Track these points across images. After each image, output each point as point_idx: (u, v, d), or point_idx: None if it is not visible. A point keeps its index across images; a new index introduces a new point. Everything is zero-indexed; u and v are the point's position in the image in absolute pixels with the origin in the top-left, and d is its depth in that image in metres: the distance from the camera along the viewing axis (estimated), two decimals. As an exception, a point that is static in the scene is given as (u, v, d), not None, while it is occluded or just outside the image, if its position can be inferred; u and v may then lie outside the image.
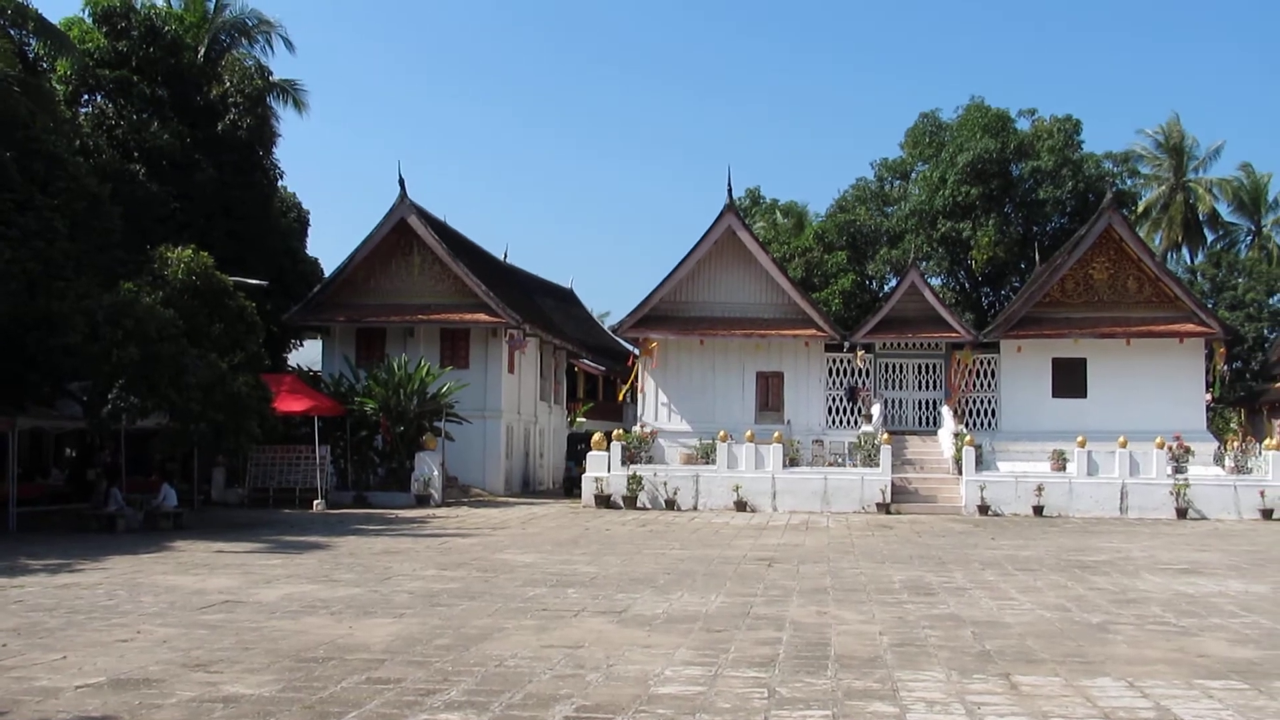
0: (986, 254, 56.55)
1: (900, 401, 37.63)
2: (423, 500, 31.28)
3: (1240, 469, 31.09)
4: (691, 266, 36.51)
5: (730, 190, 36.60)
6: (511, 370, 38.13)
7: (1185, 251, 72.39)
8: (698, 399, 36.70)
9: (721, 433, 31.88)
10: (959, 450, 31.31)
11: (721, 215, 36.23)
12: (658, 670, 9.53)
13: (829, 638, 11.18)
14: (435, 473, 31.78)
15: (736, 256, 36.87)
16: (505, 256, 48.07)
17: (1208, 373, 37.26)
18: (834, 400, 36.97)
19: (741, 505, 30.33)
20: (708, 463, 31.68)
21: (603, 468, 31.51)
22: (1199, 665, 10.00)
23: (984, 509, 29.84)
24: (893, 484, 30.82)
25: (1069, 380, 36.21)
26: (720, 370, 36.91)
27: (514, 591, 14.30)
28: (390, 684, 8.96)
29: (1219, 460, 32.55)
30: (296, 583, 15.10)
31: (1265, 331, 62.52)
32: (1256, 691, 8.96)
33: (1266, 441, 32.19)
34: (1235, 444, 33.33)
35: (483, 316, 36.24)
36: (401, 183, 36.40)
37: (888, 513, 29.71)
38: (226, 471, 32.63)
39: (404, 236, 36.83)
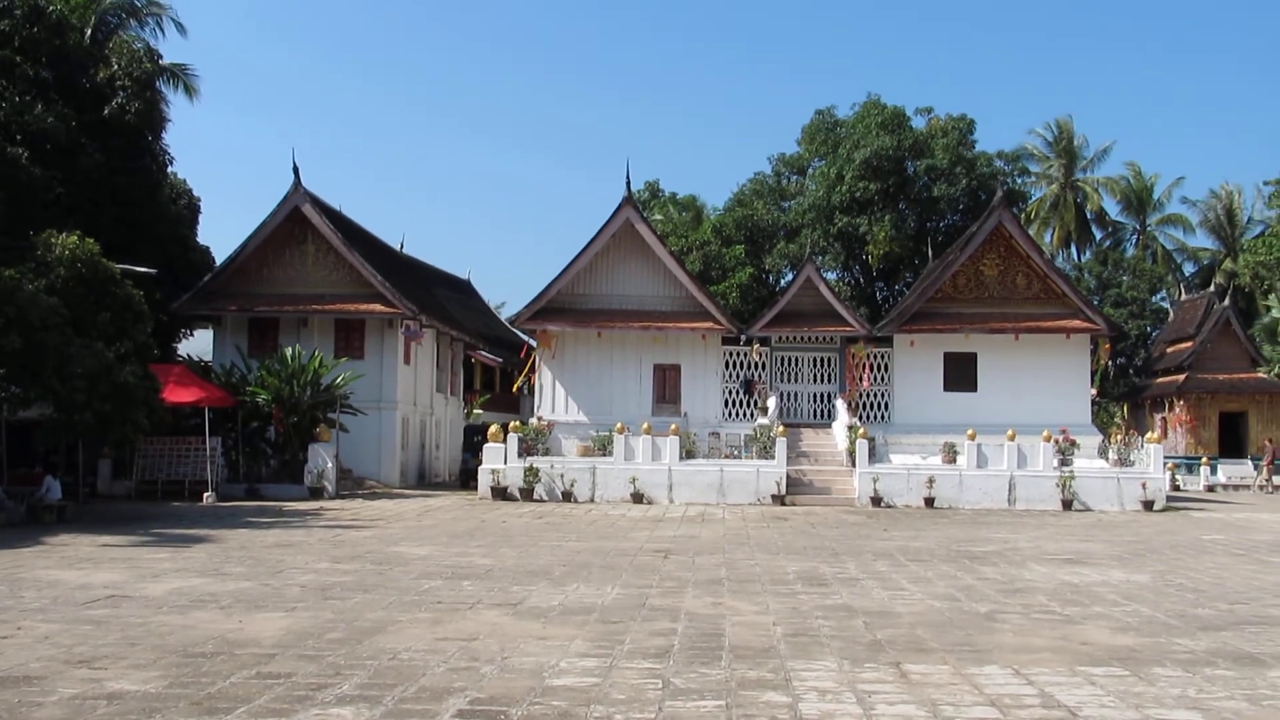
0: (882, 249, 57.35)
1: (796, 394, 38.02)
2: (316, 493, 30.86)
3: (1123, 462, 31.89)
4: (589, 258, 36.48)
5: (629, 183, 36.60)
6: (407, 361, 37.80)
7: (1074, 249, 74.13)
8: (595, 391, 36.71)
9: (618, 425, 31.91)
10: (853, 443, 31.70)
11: (620, 208, 36.24)
12: (553, 662, 9.51)
13: (724, 629, 11.25)
14: (329, 465, 31.38)
15: (635, 249, 36.91)
16: (402, 247, 47.65)
17: (1093, 368, 38.18)
18: (731, 393, 37.22)
19: (638, 497, 30.39)
20: (604, 455, 31.67)
21: (499, 460, 31.35)
22: (1082, 653, 10.25)
23: (877, 501, 30.26)
24: (788, 476, 31.09)
25: (960, 374, 36.87)
26: (618, 362, 36.94)
27: (408, 584, 14.17)
28: (280, 679, 8.83)
29: (1103, 453, 33.36)
30: (185, 576, 14.79)
31: (1148, 329, 64.30)
32: (1136, 678, 9.21)
33: (1148, 435, 33.07)
34: (1119, 437, 34.19)
35: (378, 307, 35.86)
36: (296, 170, 35.82)
37: (783, 504, 29.98)
38: (113, 464, 31.85)
39: (298, 225, 36.26)
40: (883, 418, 36.91)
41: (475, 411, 49.40)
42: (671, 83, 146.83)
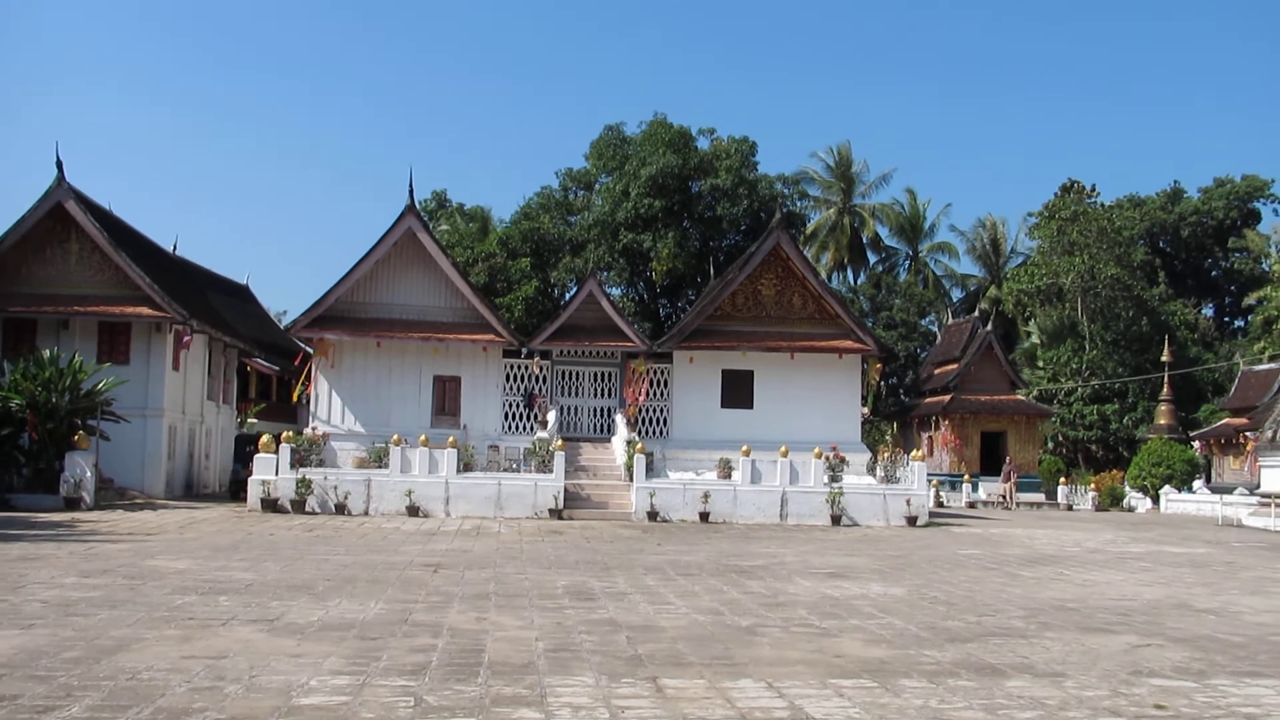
0: (666, 266, 58.11)
1: (576, 409, 38.13)
2: (73, 503, 29.34)
3: (889, 478, 32.99)
4: (370, 266, 35.85)
5: (411, 191, 36.01)
6: (176, 368, 36.36)
7: (850, 272, 76.60)
8: (373, 401, 36.07)
9: (395, 436, 31.38)
10: (631, 457, 31.93)
11: (402, 216, 35.72)
12: (303, 680, 9.21)
13: (485, 644, 11.11)
14: (88, 474, 29.88)
15: (417, 259, 36.44)
16: (175, 249, 45.86)
17: (863, 387, 39.42)
18: (511, 406, 37.07)
19: (414, 510, 29.93)
20: (380, 467, 31.11)
21: (270, 470, 30.43)
22: (834, 665, 10.48)
23: (653, 515, 30.52)
24: (566, 490, 31.09)
25: (737, 391, 37.58)
26: (397, 373, 36.39)
27: (160, 600, 13.56)
28: (3, 701, 8.29)
29: (871, 470, 34.46)
30: (-87, 592, 13.84)
31: (917, 350, 66.91)
32: (883, 689, 9.46)
33: (913, 453, 34.28)
34: (886, 455, 35.39)
35: (146, 310, 34.38)
36: (59, 165, 34.03)
37: (560, 518, 29.96)
38: None
39: (61, 223, 34.47)
40: (662, 433, 37.32)
41: (250, 421, 47.91)
42: (462, 97, 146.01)
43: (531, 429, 36.06)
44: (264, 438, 31.47)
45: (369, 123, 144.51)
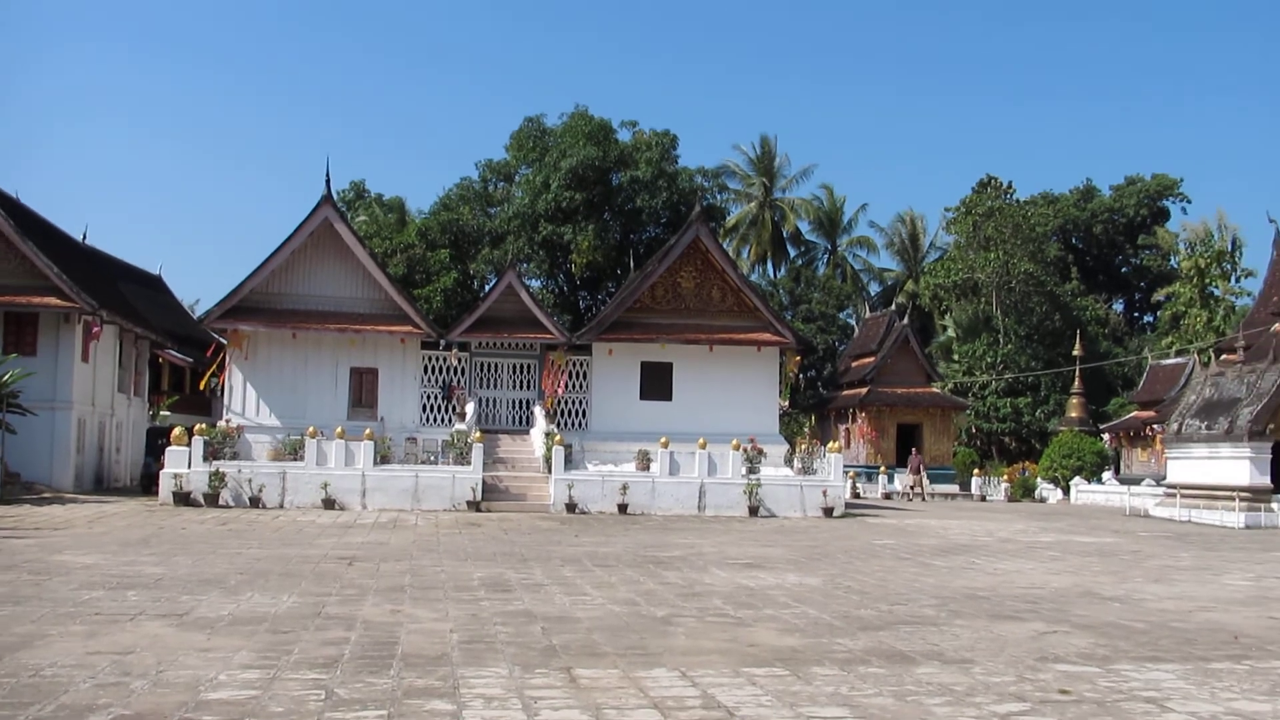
0: (586, 258, 58.06)
1: (495, 401, 37.99)
2: (-23, 498, 28.74)
3: (806, 470, 33.23)
4: (286, 257, 35.44)
5: (328, 181, 35.62)
6: (86, 359, 35.61)
7: (770, 265, 77.07)
8: (289, 394, 35.67)
9: (311, 428, 31.06)
10: (549, 449, 31.87)
11: (319, 206, 35.37)
12: (212, 675, 9.08)
13: (399, 636, 11.04)
14: (-8, 468, 29.28)
15: (334, 249, 36.09)
16: (85, 238, 44.93)
17: (781, 380, 39.69)
18: (429, 398, 36.86)
19: (330, 503, 29.65)
20: (296, 459, 30.76)
21: (183, 464, 29.97)
22: (748, 654, 10.55)
23: (572, 507, 30.51)
24: (484, 482, 30.99)
25: (656, 383, 37.67)
26: (313, 365, 36.01)
27: (67, 595, 13.30)
28: (-100, 699, 8.09)
29: (789, 462, 34.70)
30: None
31: (835, 343, 67.52)
32: (795, 678, 9.54)
33: (830, 445, 34.58)
34: (803, 447, 35.64)
35: (54, 300, 33.64)
36: (-37, 151, 33.30)
37: (478, 510, 29.85)
38: None
39: (-36, 210, 33.67)
40: (581, 425, 37.31)
41: (163, 413, 47.10)
42: (382, 85, 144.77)
43: (450, 421, 35.87)
44: (176, 430, 31.01)
45: (285, 111, 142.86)
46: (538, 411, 36.17)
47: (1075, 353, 57.97)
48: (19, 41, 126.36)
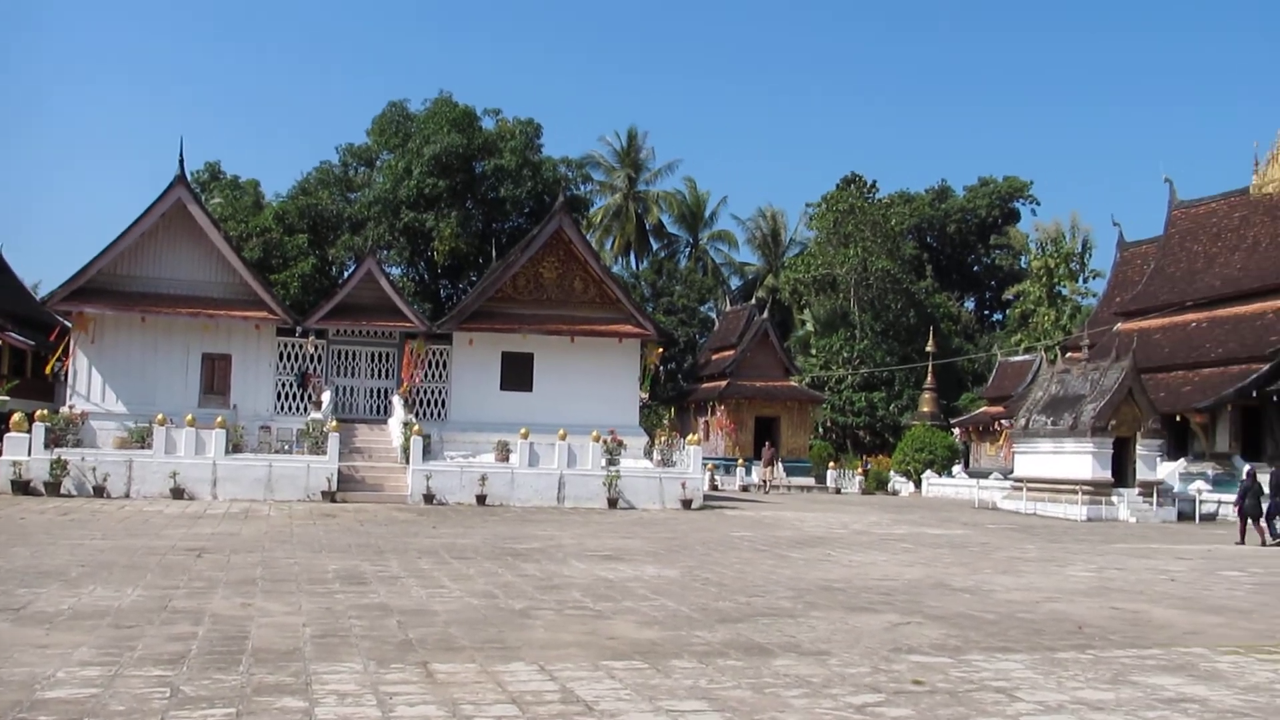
0: (448, 246, 57.53)
1: (353, 389, 37.37)
2: None
3: (666, 462, 33.39)
4: (136, 238, 34.35)
5: (182, 161, 34.54)
6: (-82, 341, 34.15)
7: (633, 258, 77.28)
8: (137, 380, 34.59)
9: (159, 416, 30.15)
10: (407, 439, 31.46)
11: (171, 186, 34.32)
12: (49, 672, 8.69)
13: (249, 631, 10.72)
14: None
15: (187, 232, 35.08)
16: (-81, 213, 43.01)
17: (642, 372, 39.80)
18: (284, 386, 36.11)
19: (179, 493, 28.82)
20: (144, 447, 29.84)
21: (23, 451, 28.84)
22: (607, 647, 10.49)
23: (430, 498, 30.16)
24: (340, 472, 30.45)
25: (517, 374, 37.44)
26: (163, 350, 34.98)
27: (-107, 588, 12.67)
28: None
29: (648, 454, 34.80)
30: None
31: (696, 336, 68.00)
32: (655, 670, 9.51)
33: (689, 437, 34.78)
34: (663, 439, 35.83)
35: (-116, 279, 32.18)
36: None
37: (333, 501, 29.31)
38: None
39: None
40: (440, 415, 36.91)
41: (2, 398, 45.28)
42: (240, 65, 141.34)
43: (306, 410, 35.18)
44: (16, 416, 29.83)
45: (138, 89, 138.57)
46: (396, 401, 35.68)
47: (929, 348, 59.35)
48: None
